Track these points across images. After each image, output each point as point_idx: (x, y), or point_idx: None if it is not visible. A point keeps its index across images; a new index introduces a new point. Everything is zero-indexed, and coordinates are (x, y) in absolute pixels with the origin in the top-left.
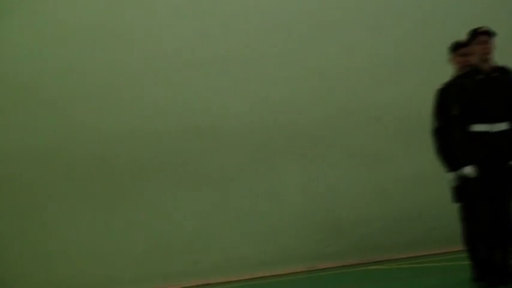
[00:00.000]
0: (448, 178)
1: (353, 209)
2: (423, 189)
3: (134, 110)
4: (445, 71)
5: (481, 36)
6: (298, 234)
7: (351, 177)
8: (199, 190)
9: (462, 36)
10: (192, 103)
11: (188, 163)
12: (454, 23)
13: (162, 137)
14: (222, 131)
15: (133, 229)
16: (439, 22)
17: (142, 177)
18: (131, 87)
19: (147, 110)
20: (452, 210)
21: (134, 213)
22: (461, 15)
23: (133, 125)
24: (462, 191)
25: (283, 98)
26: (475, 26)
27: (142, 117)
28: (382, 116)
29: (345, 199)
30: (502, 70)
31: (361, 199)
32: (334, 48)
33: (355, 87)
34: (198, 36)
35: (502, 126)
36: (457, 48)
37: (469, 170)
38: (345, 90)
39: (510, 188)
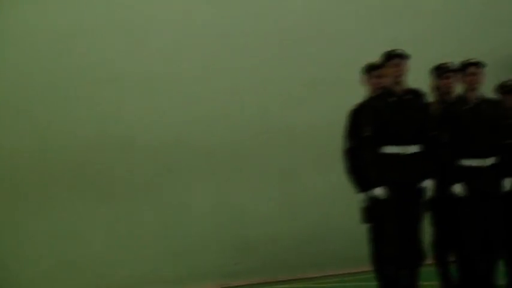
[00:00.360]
0: (358, 198)
1: (263, 227)
2: (333, 208)
3: (43, 124)
4: (358, 93)
5: (394, 58)
6: (208, 251)
7: (261, 195)
8: (108, 203)
9: (375, 58)
10: (103, 116)
11: (96, 175)
12: (367, 44)
13: (72, 149)
14: (134, 144)
15: (41, 243)
16: (352, 43)
17: (50, 188)
18: (41, 102)
19: (59, 123)
20: (362, 230)
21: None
22: (374, 37)
23: (43, 137)
24: (372, 211)
25: (196, 116)
26: (389, 48)
27: (51, 131)
28: (293, 135)
29: (255, 217)
30: (415, 93)
31: (271, 217)
32: (249, 68)
33: (267, 106)
34: (112, 52)
35: (413, 148)
36: (370, 70)
37: (379, 192)
38: (257, 109)
39: (419, 210)
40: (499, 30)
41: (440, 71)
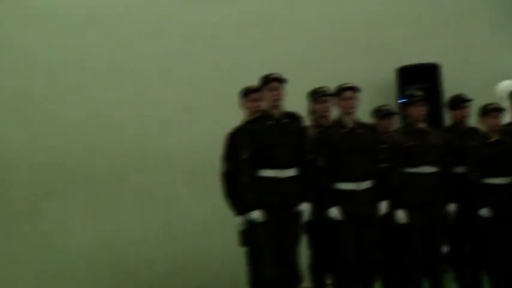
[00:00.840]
0: (236, 222)
1: (140, 252)
2: (212, 232)
3: None
4: (236, 116)
5: (272, 82)
6: (85, 277)
7: (139, 220)
8: None
9: (250, 82)
10: None
11: None
12: (245, 68)
13: None
14: (9, 167)
15: None
16: (230, 66)
17: None
18: None
19: None
20: (241, 253)
21: None
22: (252, 61)
23: None
24: (249, 235)
25: (73, 139)
26: (267, 72)
27: None
28: (171, 159)
29: (132, 242)
30: (292, 116)
31: (149, 242)
32: (125, 91)
33: (144, 130)
34: None
35: (290, 172)
36: (247, 93)
37: (256, 215)
38: (135, 133)
39: (296, 233)
40: (374, 55)
41: (317, 95)
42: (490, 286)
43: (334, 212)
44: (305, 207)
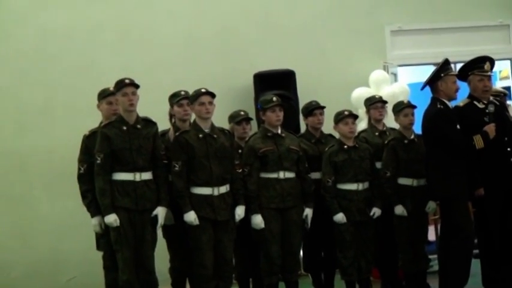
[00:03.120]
0: (93, 225)
1: None
2: (69, 235)
3: None
4: (92, 119)
5: (126, 87)
6: None
7: None
8: None
9: (107, 85)
10: None
11: None
12: (103, 72)
13: None
14: None
15: None
16: (89, 69)
17: None
18: None
19: None
20: (97, 257)
21: None
22: (108, 64)
23: None
24: (105, 238)
25: None
26: (124, 76)
27: None
28: (27, 162)
29: None
30: (147, 121)
31: (4, 245)
32: None
33: None
34: None
35: (145, 176)
36: (103, 96)
37: (111, 219)
38: None
39: (152, 237)
40: (232, 60)
41: (176, 99)
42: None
43: (191, 217)
44: (160, 211)
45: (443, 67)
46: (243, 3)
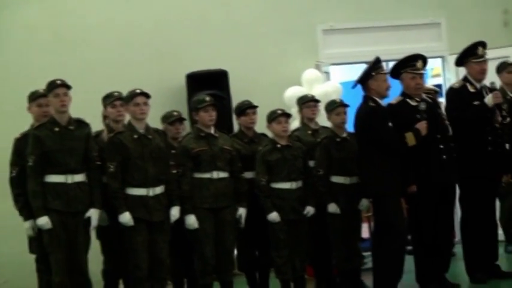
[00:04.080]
0: (25, 228)
1: None
2: (1, 239)
3: None
4: (24, 121)
5: (57, 88)
6: None
7: None
8: None
9: (38, 86)
10: None
11: None
12: (35, 72)
13: None
14: None
15: None
16: (17, 71)
17: None
18: None
19: None
20: (30, 260)
21: None
22: (40, 64)
23: None
24: (38, 241)
25: None
26: (54, 78)
27: None
28: None
29: None
30: (79, 123)
31: None
32: None
33: None
34: None
35: (78, 178)
36: (34, 98)
37: (43, 221)
38: None
39: (85, 239)
40: (165, 60)
41: (108, 100)
42: None
43: (126, 218)
44: (93, 214)
45: (375, 66)
46: (176, 3)
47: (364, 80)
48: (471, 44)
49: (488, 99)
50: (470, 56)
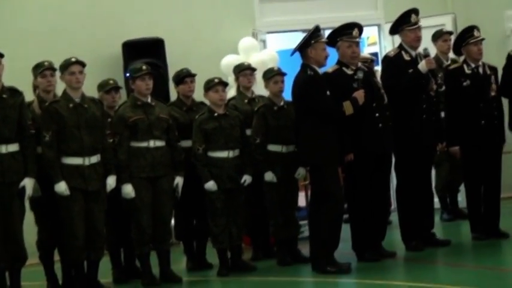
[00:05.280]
0: None
1: None
2: None
3: None
4: None
5: None
6: None
7: None
8: None
9: None
10: None
11: None
12: None
13: None
14: None
15: None
16: None
17: None
18: None
19: None
20: None
21: None
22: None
23: None
24: None
25: None
26: None
27: None
28: None
29: None
30: (12, 91)
31: None
32: None
33: None
34: None
35: (11, 147)
36: None
37: None
38: None
39: (20, 209)
40: (100, 28)
41: (38, 70)
42: None
43: (62, 187)
44: (27, 183)
45: (314, 34)
46: None
47: (302, 48)
48: (404, 12)
49: (422, 65)
50: (404, 23)
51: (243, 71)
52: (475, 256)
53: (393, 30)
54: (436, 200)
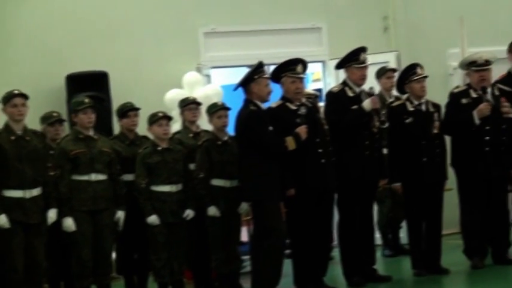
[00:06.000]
0: None
1: None
2: None
3: None
4: None
5: None
6: None
7: None
8: None
9: None
10: None
11: None
12: None
13: None
14: None
15: None
16: None
17: None
18: None
19: None
20: None
21: None
22: None
23: None
24: None
25: None
26: None
27: None
28: None
29: None
30: None
31: None
32: None
33: None
34: None
35: None
36: None
37: None
38: None
39: None
40: (45, 60)
41: None
42: None
43: (2, 220)
44: None
45: (257, 69)
46: (55, 3)
47: (246, 84)
48: (354, 49)
49: (367, 103)
50: (352, 60)
51: (188, 105)
52: None
53: (339, 66)
54: (377, 235)
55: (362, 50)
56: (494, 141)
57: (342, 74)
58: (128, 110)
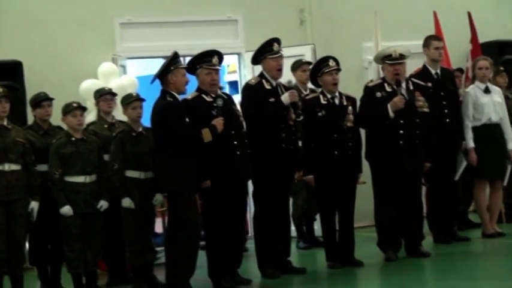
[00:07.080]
0: None
1: None
2: None
3: None
4: None
5: None
6: None
7: None
8: None
9: None
10: None
11: None
12: None
13: None
14: None
15: None
16: None
17: None
18: None
19: None
20: None
21: None
22: None
23: None
24: None
25: None
26: None
27: None
28: None
29: None
30: None
31: None
32: None
33: None
34: None
35: None
36: None
37: None
38: None
39: None
40: None
41: None
42: None
43: None
44: None
45: (173, 60)
46: None
47: (162, 75)
48: (266, 41)
49: (285, 97)
50: (266, 52)
51: (104, 95)
52: (330, 284)
53: (255, 60)
54: (292, 228)
55: (275, 40)
56: (409, 134)
57: (258, 67)
58: (42, 100)
